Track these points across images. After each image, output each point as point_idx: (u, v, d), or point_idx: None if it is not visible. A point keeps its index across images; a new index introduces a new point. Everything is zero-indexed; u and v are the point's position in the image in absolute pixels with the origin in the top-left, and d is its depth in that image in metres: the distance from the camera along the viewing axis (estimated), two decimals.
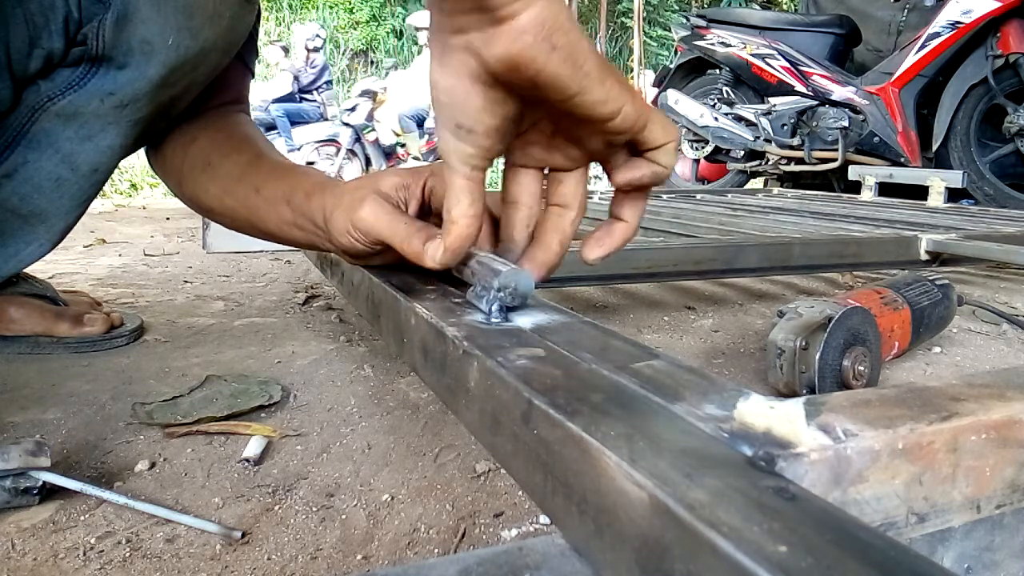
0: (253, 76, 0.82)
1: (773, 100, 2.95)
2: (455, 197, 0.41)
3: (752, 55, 2.94)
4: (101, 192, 0.70)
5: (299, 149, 5.85)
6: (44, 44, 0.58)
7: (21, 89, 0.60)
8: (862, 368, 0.68)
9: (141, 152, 0.76)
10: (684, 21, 3.31)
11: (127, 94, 0.62)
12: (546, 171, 0.45)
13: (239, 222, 0.65)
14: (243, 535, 0.46)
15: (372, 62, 8.58)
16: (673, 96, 3.23)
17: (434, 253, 0.45)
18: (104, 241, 1.79)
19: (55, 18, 0.57)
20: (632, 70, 4.23)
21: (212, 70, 0.69)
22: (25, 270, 0.86)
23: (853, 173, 2.20)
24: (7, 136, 0.62)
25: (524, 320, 0.41)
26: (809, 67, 2.81)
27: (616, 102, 0.37)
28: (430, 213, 0.52)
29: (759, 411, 0.27)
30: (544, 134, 0.42)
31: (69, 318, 0.83)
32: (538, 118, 0.41)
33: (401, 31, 8.75)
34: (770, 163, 2.97)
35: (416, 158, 5.94)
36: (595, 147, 0.42)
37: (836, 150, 2.69)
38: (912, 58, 2.54)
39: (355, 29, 8.45)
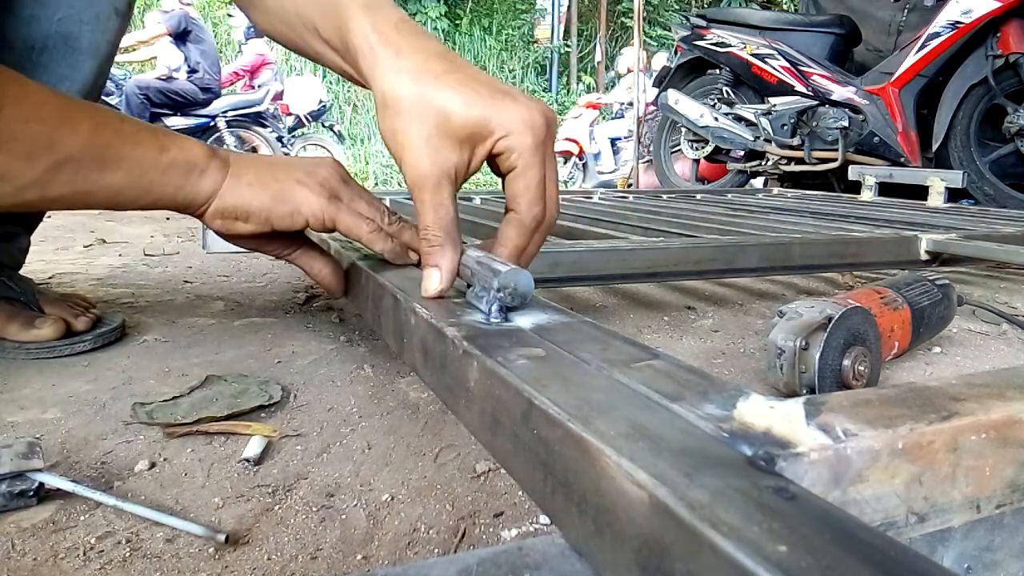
0: None
1: (773, 100, 2.94)
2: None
3: (752, 55, 2.94)
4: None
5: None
6: None
7: None
8: (862, 368, 0.68)
9: None
10: (684, 21, 3.30)
11: None
12: None
13: (293, 47, 0.61)
14: (227, 539, 0.45)
15: None
16: (673, 96, 3.23)
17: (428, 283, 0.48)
18: (104, 241, 1.79)
19: None
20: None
21: None
22: (9, 268, 0.84)
23: (853, 173, 2.20)
24: None
25: (524, 320, 0.41)
26: (809, 67, 2.81)
27: None
28: (498, 174, 0.48)
29: (759, 411, 0.27)
30: None
31: (20, 320, 0.80)
32: None
33: None
34: (770, 163, 2.97)
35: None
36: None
37: (836, 150, 2.69)
38: (912, 58, 2.53)
39: None
